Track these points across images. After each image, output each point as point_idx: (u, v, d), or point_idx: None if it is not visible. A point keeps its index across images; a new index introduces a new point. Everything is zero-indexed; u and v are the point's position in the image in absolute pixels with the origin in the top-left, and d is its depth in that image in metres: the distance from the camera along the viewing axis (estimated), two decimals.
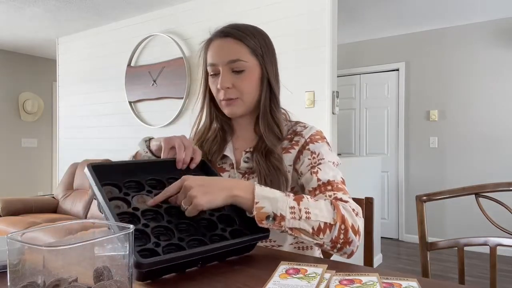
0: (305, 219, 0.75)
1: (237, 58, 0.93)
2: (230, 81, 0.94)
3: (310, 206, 0.77)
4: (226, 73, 0.94)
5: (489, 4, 3.49)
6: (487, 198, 1.03)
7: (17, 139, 5.27)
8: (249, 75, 0.96)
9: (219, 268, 0.69)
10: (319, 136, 0.99)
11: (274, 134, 0.98)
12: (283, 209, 0.74)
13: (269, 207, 0.74)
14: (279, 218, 0.74)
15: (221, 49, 0.95)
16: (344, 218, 0.78)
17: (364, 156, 4.45)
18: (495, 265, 1.00)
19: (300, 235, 0.76)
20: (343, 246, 0.78)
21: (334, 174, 0.90)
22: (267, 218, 0.74)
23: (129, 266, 0.49)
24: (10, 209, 3.40)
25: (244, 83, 0.95)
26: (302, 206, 0.76)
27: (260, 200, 0.74)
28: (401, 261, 3.65)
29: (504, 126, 3.82)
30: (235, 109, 0.97)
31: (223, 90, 0.95)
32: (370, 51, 4.58)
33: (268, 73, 0.99)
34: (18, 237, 0.46)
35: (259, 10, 2.87)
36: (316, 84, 2.63)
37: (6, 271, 0.45)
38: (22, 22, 3.88)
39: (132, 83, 3.65)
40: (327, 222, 0.76)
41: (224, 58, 0.94)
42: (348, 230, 0.77)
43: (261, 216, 0.74)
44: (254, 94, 0.98)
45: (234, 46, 0.94)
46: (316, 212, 0.76)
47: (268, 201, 0.74)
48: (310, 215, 0.76)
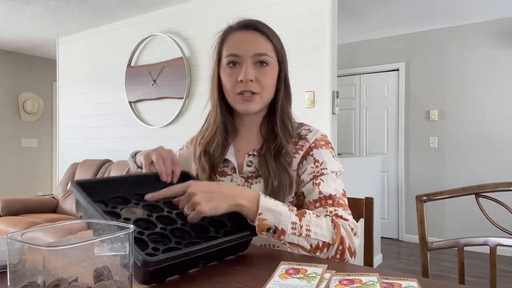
0: (305, 236, 0.76)
1: (264, 52, 0.93)
2: (253, 74, 0.92)
3: (312, 223, 0.78)
4: (251, 66, 0.92)
5: (489, 4, 3.49)
6: (487, 198, 1.03)
7: (17, 139, 5.27)
8: (272, 71, 0.95)
9: (219, 269, 0.69)
10: (324, 141, 0.97)
11: (288, 132, 0.97)
12: (285, 224, 0.75)
13: (271, 220, 0.75)
14: (279, 232, 0.75)
15: (247, 40, 0.94)
16: (343, 239, 0.79)
17: (364, 156, 4.45)
18: (495, 265, 1.00)
19: (298, 249, 0.77)
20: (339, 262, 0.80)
21: (336, 187, 0.90)
22: (267, 230, 0.75)
23: (129, 266, 0.49)
24: (10, 209, 3.40)
25: (267, 77, 0.94)
26: (304, 222, 0.77)
27: (264, 212, 0.75)
28: (401, 261, 3.65)
29: (504, 126, 3.82)
30: (252, 106, 0.94)
31: (245, 82, 0.92)
32: (370, 51, 4.58)
33: (285, 73, 0.99)
34: (18, 237, 0.46)
35: (259, 10, 2.87)
36: (316, 84, 2.63)
37: (6, 271, 0.45)
38: (22, 22, 3.88)
39: (132, 83, 3.65)
40: (326, 242, 0.78)
41: (251, 50, 0.92)
42: (345, 251, 0.79)
43: (262, 227, 0.75)
44: (271, 91, 0.97)
45: (261, 40, 0.94)
46: (317, 231, 0.78)
47: (272, 213, 0.75)
48: (310, 232, 0.77)
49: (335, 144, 2.66)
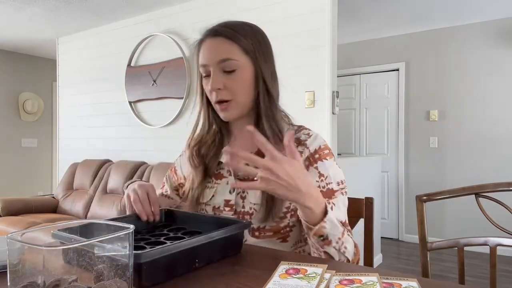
0: (338, 251, 0.80)
1: (227, 57, 0.90)
2: (221, 82, 0.91)
3: (346, 241, 0.82)
4: (217, 74, 0.91)
5: (489, 4, 3.49)
6: (487, 198, 1.03)
7: (17, 139, 5.27)
8: (241, 74, 0.92)
9: (219, 269, 0.69)
10: (328, 151, 0.95)
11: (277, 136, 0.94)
12: (334, 237, 0.79)
13: (328, 230, 0.77)
14: (327, 241, 0.78)
15: (211, 49, 0.92)
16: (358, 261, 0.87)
17: (364, 156, 4.45)
18: (495, 265, 1.00)
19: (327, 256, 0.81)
20: None
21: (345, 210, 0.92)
22: (320, 236, 0.78)
23: (129, 266, 0.49)
24: (10, 209, 3.40)
25: (236, 83, 0.91)
26: (344, 239, 0.81)
27: (327, 222, 0.77)
28: (401, 261, 3.65)
29: (504, 126, 3.82)
30: (229, 113, 0.94)
31: (214, 91, 0.92)
32: (370, 51, 4.58)
33: (263, 71, 0.94)
34: (18, 237, 0.46)
35: (259, 10, 2.87)
36: (316, 84, 2.63)
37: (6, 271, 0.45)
38: (22, 22, 3.88)
39: (132, 83, 3.65)
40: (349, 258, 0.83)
41: (214, 58, 0.91)
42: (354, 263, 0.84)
43: (318, 233, 0.77)
44: (247, 95, 0.94)
45: (224, 45, 0.91)
46: (349, 249, 0.83)
47: (331, 225, 0.77)
48: (345, 250, 0.81)
49: (335, 144, 2.66)
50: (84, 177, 3.65)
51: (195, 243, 0.68)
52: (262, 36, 0.98)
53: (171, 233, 0.81)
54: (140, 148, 3.60)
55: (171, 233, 0.82)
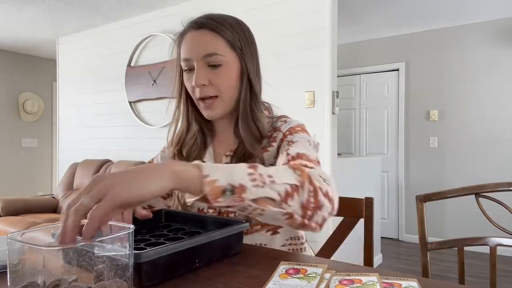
0: (270, 183, 0.62)
1: (213, 51, 0.85)
2: (206, 77, 0.86)
3: (270, 170, 0.65)
4: (202, 69, 0.86)
5: (489, 4, 3.49)
6: (487, 198, 1.03)
7: (17, 139, 5.27)
8: (227, 70, 0.87)
9: (219, 269, 0.69)
10: (300, 128, 0.91)
11: (254, 137, 0.89)
12: (241, 178, 0.60)
13: (224, 178, 0.59)
14: (238, 189, 0.59)
15: (196, 42, 0.86)
16: (310, 178, 0.67)
17: (364, 156, 4.45)
18: (495, 265, 1.00)
19: (267, 206, 0.62)
20: (314, 212, 0.67)
21: (306, 151, 0.81)
22: (223, 193, 0.59)
23: (129, 266, 0.49)
24: (10, 209, 3.40)
25: (222, 78, 0.86)
26: (261, 171, 0.63)
27: (211, 172, 0.58)
28: (401, 261, 3.65)
29: (504, 126, 3.82)
30: (214, 111, 0.89)
31: (198, 87, 0.86)
32: (370, 51, 4.58)
33: (248, 68, 0.89)
34: (18, 237, 0.46)
35: (259, 10, 2.87)
36: (316, 84, 2.63)
37: (6, 271, 0.45)
38: (22, 22, 3.88)
39: (132, 83, 3.65)
40: (293, 184, 0.64)
41: (199, 52, 0.85)
42: (318, 192, 0.66)
43: (216, 191, 0.58)
44: (233, 91, 0.89)
45: (210, 39, 0.86)
46: (279, 175, 0.64)
47: (221, 171, 0.59)
48: (273, 178, 0.63)
49: (335, 144, 2.66)
50: (84, 177, 3.65)
51: (195, 243, 0.68)
52: (248, 31, 0.94)
53: (171, 234, 0.81)
54: (140, 148, 3.60)
55: (171, 233, 0.82)
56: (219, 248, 0.73)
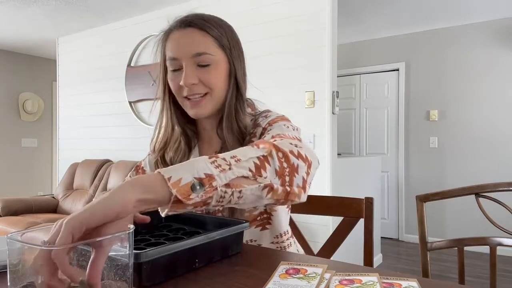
0: (236, 163, 0.58)
1: (203, 51, 0.83)
2: (196, 76, 0.84)
3: (232, 152, 0.61)
4: (191, 68, 0.84)
5: (488, 4, 3.49)
6: (487, 198, 1.04)
7: (17, 139, 5.27)
8: (216, 69, 0.85)
9: (219, 269, 0.69)
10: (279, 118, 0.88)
11: (236, 137, 0.88)
12: (205, 168, 0.55)
13: (187, 175, 0.54)
14: (206, 179, 0.55)
15: (184, 41, 0.84)
16: (276, 146, 0.64)
17: (364, 156, 4.45)
18: (495, 265, 1.00)
19: (242, 186, 0.58)
20: (291, 175, 0.63)
21: (282, 131, 0.79)
22: (192, 189, 0.54)
23: (129, 266, 0.49)
24: (10, 209, 3.40)
25: (212, 76, 0.85)
26: (223, 156, 0.59)
27: (173, 173, 0.54)
28: (401, 261, 3.65)
29: (504, 126, 3.82)
30: (201, 110, 0.87)
31: (187, 87, 0.84)
32: (370, 51, 4.58)
33: (236, 68, 0.88)
34: (18, 237, 0.46)
35: (259, 10, 2.87)
36: (316, 84, 2.63)
37: (6, 271, 0.45)
38: (22, 22, 3.88)
39: (132, 83, 3.65)
40: (260, 155, 0.61)
41: (188, 51, 0.83)
42: (288, 155, 0.63)
43: (184, 190, 0.53)
44: (221, 90, 0.88)
45: (199, 38, 0.84)
46: (243, 153, 0.61)
47: (181, 169, 0.55)
48: (238, 157, 0.59)
49: (335, 144, 2.66)
50: (84, 177, 3.65)
51: (195, 243, 0.68)
52: (234, 32, 0.92)
53: (171, 234, 0.81)
54: (140, 148, 3.60)
55: (171, 233, 0.82)
56: (219, 248, 0.73)
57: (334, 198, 1.13)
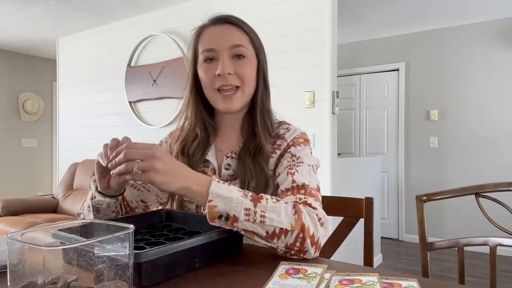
0: (259, 223, 0.71)
1: (240, 43, 0.89)
2: (232, 67, 0.89)
3: (268, 209, 0.72)
4: (227, 59, 0.89)
5: (488, 4, 3.49)
6: (487, 198, 1.03)
7: (17, 139, 5.27)
8: (249, 63, 0.92)
9: (219, 268, 0.69)
10: (303, 139, 0.94)
11: (268, 130, 0.94)
12: (237, 210, 0.70)
13: (222, 207, 0.70)
14: (232, 218, 0.70)
15: (221, 33, 0.90)
16: (304, 226, 0.73)
17: (364, 156, 4.45)
18: (495, 265, 1.00)
19: (254, 236, 0.73)
20: (297, 253, 0.74)
21: (310, 180, 0.86)
22: (219, 217, 0.70)
23: (129, 266, 0.49)
24: (10, 209, 3.40)
25: (246, 69, 0.90)
26: (259, 208, 0.72)
27: (214, 198, 0.70)
28: (401, 261, 3.65)
29: (504, 126, 3.82)
30: (233, 103, 0.91)
31: (223, 76, 0.88)
32: (370, 51, 4.58)
33: (264, 67, 0.95)
34: (18, 237, 0.46)
35: (259, 10, 2.87)
36: (316, 84, 2.63)
37: (6, 271, 0.45)
38: (22, 22, 3.88)
39: (132, 83, 3.65)
40: (283, 228, 0.72)
41: (226, 43, 0.89)
42: (306, 239, 0.73)
43: (213, 214, 0.70)
44: (253, 85, 0.93)
45: (236, 32, 0.91)
46: (273, 216, 0.72)
47: (222, 200, 0.70)
48: (265, 219, 0.72)
49: (335, 144, 2.66)
50: (84, 177, 3.65)
51: (195, 243, 0.68)
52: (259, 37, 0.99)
53: (171, 234, 0.81)
54: None
55: (171, 233, 0.82)
56: (219, 248, 0.73)
57: (334, 198, 1.13)
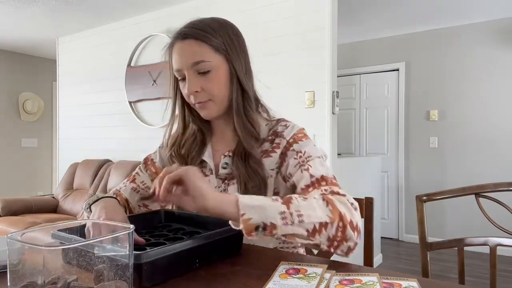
0: (298, 223, 0.70)
1: (200, 59, 0.88)
2: (198, 85, 0.90)
3: (301, 207, 0.72)
4: (192, 77, 0.90)
5: (488, 4, 3.49)
6: (487, 198, 1.03)
7: (17, 139, 5.26)
8: (216, 74, 0.90)
9: (219, 269, 0.69)
10: (302, 134, 0.94)
11: (250, 135, 0.93)
12: (273, 217, 0.69)
13: (257, 218, 0.68)
14: (270, 227, 0.69)
15: (182, 52, 0.90)
16: (341, 214, 0.73)
17: (364, 156, 4.45)
18: (495, 265, 1.00)
19: (295, 239, 0.72)
20: (340, 243, 0.74)
21: (326, 170, 0.87)
22: (256, 229, 0.68)
23: (129, 266, 0.49)
24: (10, 209, 3.40)
25: (212, 84, 0.90)
26: (293, 209, 0.71)
27: (247, 211, 0.68)
28: (401, 261, 3.65)
29: (504, 126, 3.82)
30: (209, 112, 0.93)
31: (192, 94, 0.91)
32: (370, 51, 4.58)
33: (236, 69, 0.92)
34: (18, 237, 0.46)
35: (259, 10, 2.87)
36: (316, 84, 2.63)
37: (6, 271, 0.45)
38: (22, 22, 3.88)
39: (132, 83, 3.65)
40: (322, 222, 0.72)
41: (187, 61, 0.89)
42: (346, 226, 0.73)
43: (249, 228, 0.68)
44: (225, 94, 0.92)
45: (195, 47, 0.89)
46: (309, 213, 0.71)
47: (255, 211, 0.69)
48: (303, 217, 0.71)
49: (335, 144, 2.66)
50: (84, 177, 3.65)
51: (195, 243, 0.68)
52: (234, 31, 0.95)
53: (171, 234, 0.81)
54: (140, 148, 3.60)
55: (171, 233, 0.82)
56: (219, 248, 0.73)
57: None
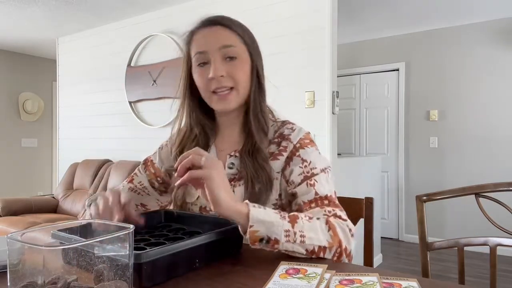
0: (300, 243, 0.74)
1: (230, 43, 0.88)
2: (224, 69, 0.88)
3: (305, 228, 0.75)
4: (219, 60, 0.88)
5: (488, 4, 3.49)
6: (487, 198, 1.03)
7: (17, 139, 5.26)
8: (241, 62, 0.90)
9: (219, 269, 0.69)
10: (308, 139, 0.94)
11: (262, 129, 0.94)
12: (278, 233, 0.73)
13: (263, 231, 0.72)
14: (273, 241, 0.73)
15: (211, 36, 0.89)
16: (340, 242, 0.77)
17: (364, 156, 4.45)
18: (495, 265, 1.00)
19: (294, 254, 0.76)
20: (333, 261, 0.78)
21: (330, 188, 0.88)
22: (260, 240, 0.73)
23: (129, 266, 0.49)
24: (10, 209, 3.40)
25: (239, 70, 0.90)
26: (297, 229, 0.75)
27: (255, 223, 0.72)
28: (401, 261, 3.65)
29: (505, 126, 3.82)
30: (228, 104, 0.91)
31: (216, 79, 0.88)
32: (370, 51, 4.58)
33: (257, 64, 0.94)
34: (18, 237, 0.46)
35: (259, 10, 2.87)
36: (316, 84, 2.63)
37: (6, 271, 0.45)
38: (22, 22, 3.88)
39: (132, 83, 3.65)
40: (322, 246, 0.76)
41: (216, 44, 0.88)
42: (342, 254, 0.78)
43: (254, 239, 0.73)
44: (247, 85, 0.92)
45: (225, 33, 0.90)
46: (311, 235, 0.75)
47: (263, 225, 0.73)
48: (305, 238, 0.74)
49: (335, 144, 2.66)
50: (84, 177, 3.65)
51: (195, 243, 0.68)
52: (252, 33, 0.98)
53: (170, 234, 0.81)
54: (140, 148, 3.60)
55: (170, 233, 0.82)
56: (219, 248, 0.73)
57: None
